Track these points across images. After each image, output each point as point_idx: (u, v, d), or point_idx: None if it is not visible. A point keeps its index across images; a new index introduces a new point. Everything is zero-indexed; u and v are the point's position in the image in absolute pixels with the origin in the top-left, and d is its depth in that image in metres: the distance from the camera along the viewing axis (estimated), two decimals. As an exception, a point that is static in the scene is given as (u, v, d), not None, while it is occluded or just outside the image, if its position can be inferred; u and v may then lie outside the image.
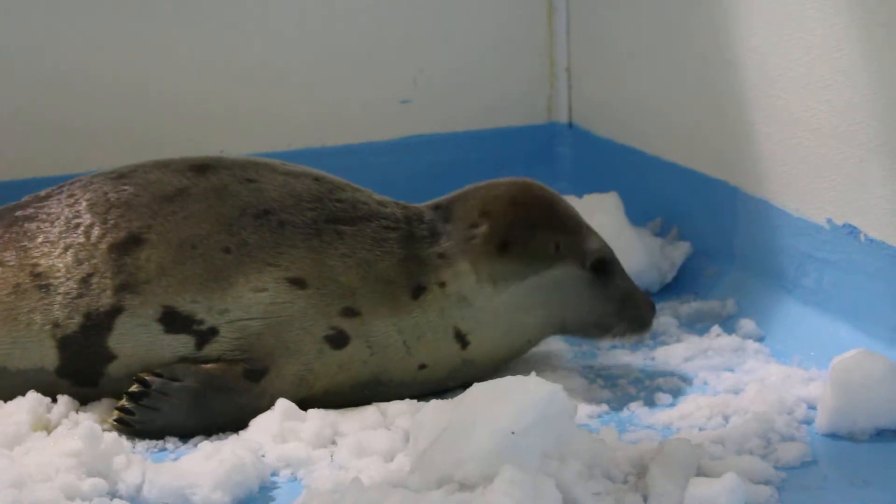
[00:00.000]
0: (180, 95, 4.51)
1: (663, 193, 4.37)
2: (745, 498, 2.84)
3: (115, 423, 3.28)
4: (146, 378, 3.27)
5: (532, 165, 4.86)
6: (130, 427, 3.26)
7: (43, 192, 3.52)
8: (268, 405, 3.30)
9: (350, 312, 3.38)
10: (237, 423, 3.29)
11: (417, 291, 3.43)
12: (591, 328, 3.55)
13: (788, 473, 3.04)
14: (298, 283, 3.35)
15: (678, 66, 4.28)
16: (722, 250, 4.12)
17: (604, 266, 3.51)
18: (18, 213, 3.47)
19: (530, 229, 3.46)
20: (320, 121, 4.67)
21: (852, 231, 3.61)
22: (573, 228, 3.52)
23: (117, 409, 3.29)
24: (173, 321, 3.32)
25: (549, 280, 3.47)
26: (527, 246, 3.46)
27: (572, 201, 4.26)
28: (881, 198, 3.52)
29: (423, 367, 3.45)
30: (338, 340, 3.37)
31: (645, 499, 2.88)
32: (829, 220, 3.68)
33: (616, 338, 3.58)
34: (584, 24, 4.75)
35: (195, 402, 3.27)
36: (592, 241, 3.52)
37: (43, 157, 4.40)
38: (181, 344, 3.32)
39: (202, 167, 3.46)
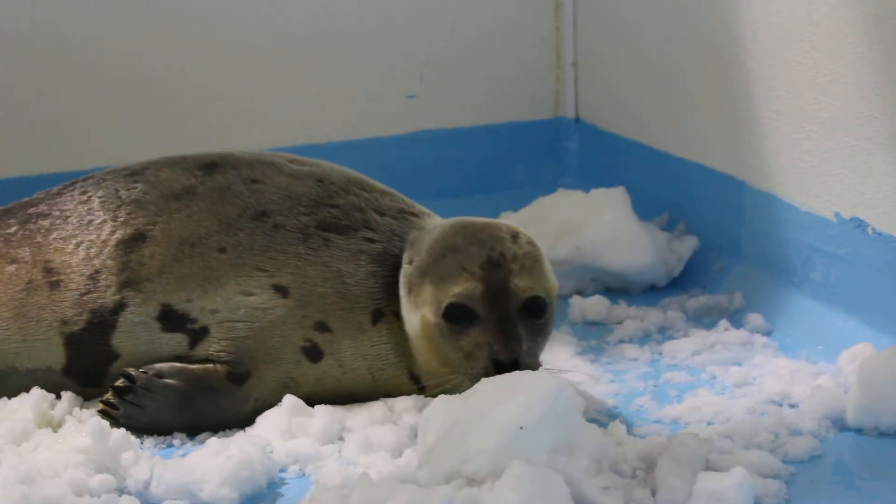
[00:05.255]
0: (185, 90, 4.51)
1: (670, 188, 4.37)
2: (753, 492, 2.84)
3: (99, 415, 3.26)
4: (132, 374, 3.26)
5: (538, 160, 4.86)
6: (114, 421, 3.24)
7: (55, 189, 3.51)
8: (251, 410, 3.28)
9: (323, 327, 3.30)
10: (219, 425, 3.27)
11: (376, 316, 3.31)
12: (453, 369, 3.20)
13: (797, 467, 3.04)
14: (281, 290, 3.30)
15: (685, 60, 4.27)
16: (729, 245, 4.11)
17: (458, 314, 3.18)
18: (32, 209, 3.47)
19: (420, 276, 3.26)
20: (326, 116, 4.66)
21: (860, 225, 3.60)
22: (448, 275, 3.19)
23: (102, 401, 3.28)
24: (170, 319, 3.31)
25: (414, 325, 3.25)
26: (415, 291, 3.25)
27: (579, 196, 4.29)
28: (889, 191, 3.51)
29: None
30: (313, 354, 3.30)
31: (653, 493, 2.88)
32: (836, 214, 3.68)
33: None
34: (590, 18, 4.75)
35: (179, 400, 3.25)
36: (463, 287, 3.17)
37: (46, 154, 4.40)
38: (176, 343, 3.31)
39: (211, 166, 3.44)
